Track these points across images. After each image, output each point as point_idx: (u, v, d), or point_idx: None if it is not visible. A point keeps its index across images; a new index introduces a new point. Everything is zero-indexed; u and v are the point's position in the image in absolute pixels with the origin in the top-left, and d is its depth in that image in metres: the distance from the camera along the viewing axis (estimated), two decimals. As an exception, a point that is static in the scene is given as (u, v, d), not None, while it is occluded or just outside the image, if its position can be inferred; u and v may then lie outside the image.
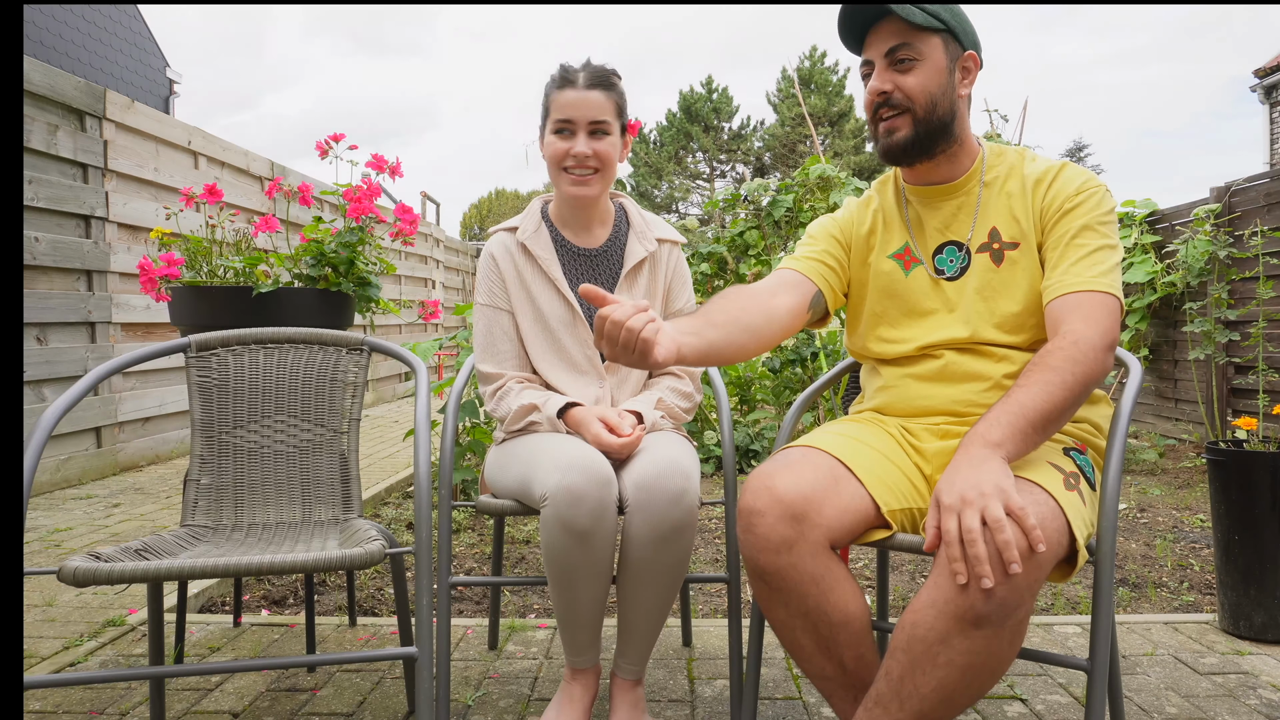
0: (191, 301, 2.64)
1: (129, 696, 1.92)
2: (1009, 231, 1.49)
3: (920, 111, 1.46)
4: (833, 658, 1.35)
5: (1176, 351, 5.61)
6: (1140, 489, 4.21)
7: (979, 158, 1.54)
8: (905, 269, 1.57)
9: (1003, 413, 1.25)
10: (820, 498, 1.31)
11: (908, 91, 1.45)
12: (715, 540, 3.30)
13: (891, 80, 1.46)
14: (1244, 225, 4.89)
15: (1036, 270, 1.46)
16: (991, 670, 1.21)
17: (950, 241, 1.54)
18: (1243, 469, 2.21)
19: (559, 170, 1.75)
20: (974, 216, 1.52)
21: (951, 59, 1.47)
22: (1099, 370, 1.31)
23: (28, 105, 4.11)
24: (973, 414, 1.47)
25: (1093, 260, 1.40)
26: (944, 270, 1.54)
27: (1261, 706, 1.86)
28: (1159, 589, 2.73)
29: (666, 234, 1.90)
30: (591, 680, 1.71)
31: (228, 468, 1.86)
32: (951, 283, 1.52)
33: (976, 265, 1.50)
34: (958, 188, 1.54)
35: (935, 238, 1.55)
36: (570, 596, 1.59)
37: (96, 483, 4.43)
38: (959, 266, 1.52)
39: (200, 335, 1.87)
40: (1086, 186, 1.45)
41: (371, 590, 2.70)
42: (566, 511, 1.49)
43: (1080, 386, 1.29)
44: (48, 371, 4.15)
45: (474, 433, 3.63)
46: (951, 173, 1.54)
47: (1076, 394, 1.29)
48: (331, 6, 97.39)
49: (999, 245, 1.49)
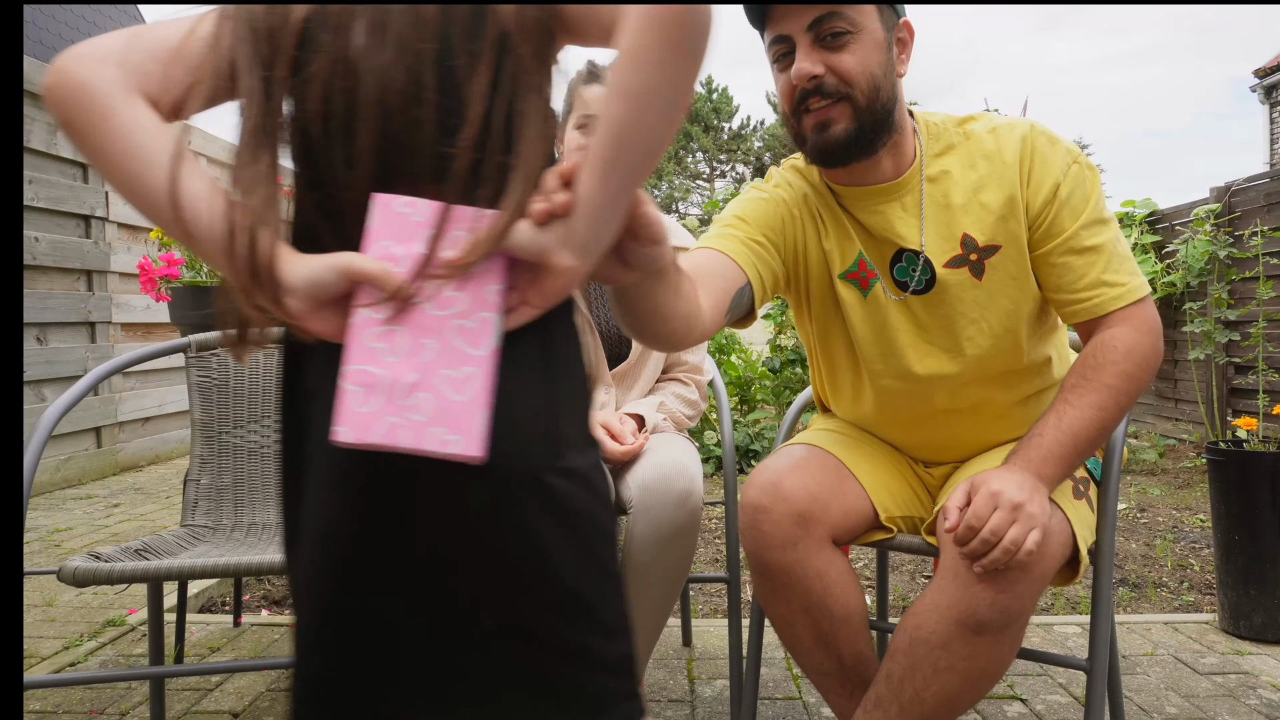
0: (192, 301, 2.64)
1: (129, 696, 1.92)
2: (986, 235, 1.26)
3: (862, 99, 1.18)
4: (832, 653, 1.35)
5: (1176, 351, 5.61)
6: (1140, 489, 4.21)
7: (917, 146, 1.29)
8: (863, 288, 1.33)
9: (1055, 443, 1.17)
10: (826, 497, 1.30)
11: (845, 74, 1.17)
12: (715, 540, 3.30)
13: (822, 61, 1.17)
14: (1244, 225, 4.88)
15: (1027, 269, 1.27)
16: (991, 674, 1.21)
17: (904, 249, 1.29)
18: (1243, 469, 2.21)
19: None
20: (920, 218, 1.28)
21: (888, 29, 1.20)
22: (1147, 375, 1.22)
23: (27, 105, 4.11)
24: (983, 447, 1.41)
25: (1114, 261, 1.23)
26: (905, 283, 1.30)
27: (1261, 706, 1.86)
28: (1159, 589, 2.73)
29: (676, 239, 1.83)
30: None
31: (228, 468, 1.86)
32: (919, 297, 1.30)
33: (950, 282, 1.28)
34: (900, 186, 1.28)
35: (887, 247, 1.30)
36: None
37: (96, 483, 4.43)
38: (923, 280, 1.29)
39: (200, 335, 1.87)
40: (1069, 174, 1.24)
41: (371, 590, 2.70)
42: None
43: (1132, 400, 1.21)
44: (48, 371, 4.15)
45: (474, 433, 3.63)
46: (895, 169, 1.28)
47: (1127, 409, 1.22)
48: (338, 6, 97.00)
49: (976, 255, 1.27)
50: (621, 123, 0.66)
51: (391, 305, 0.67)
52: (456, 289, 0.68)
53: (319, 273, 0.68)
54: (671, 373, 1.89)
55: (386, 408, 0.67)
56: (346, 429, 0.66)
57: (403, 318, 0.68)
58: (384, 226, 0.68)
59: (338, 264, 0.67)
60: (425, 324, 0.68)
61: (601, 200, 0.69)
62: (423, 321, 0.68)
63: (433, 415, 0.67)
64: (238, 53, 0.70)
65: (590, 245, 0.70)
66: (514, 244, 0.68)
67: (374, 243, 0.68)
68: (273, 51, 0.70)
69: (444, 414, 0.67)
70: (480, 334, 0.68)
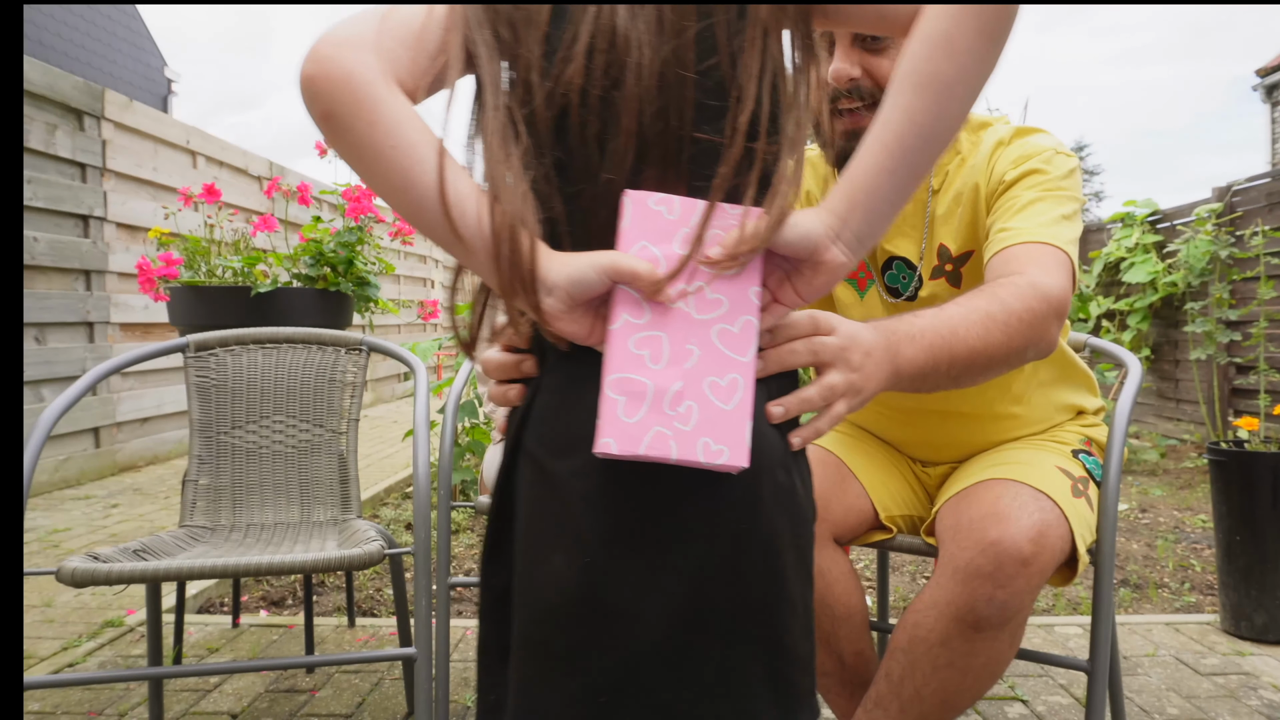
0: (190, 301, 2.64)
1: (128, 697, 1.91)
2: (959, 242, 1.25)
3: None
4: (833, 653, 1.35)
5: (1178, 351, 5.61)
6: (1141, 489, 4.20)
7: None
8: (860, 289, 1.36)
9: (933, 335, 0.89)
10: (828, 495, 1.30)
11: (881, 79, 1.15)
12: (715, 540, 3.29)
13: (860, 63, 1.16)
14: (1245, 225, 4.88)
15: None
16: (991, 672, 1.20)
17: (897, 256, 1.31)
18: (1244, 469, 2.20)
19: None
20: (924, 229, 1.28)
21: None
22: (1046, 338, 1.02)
23: (27, 105, 4.11)
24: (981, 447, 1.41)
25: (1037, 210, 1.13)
26: (897, 290, 1.32)
27: (1262, 707, 1.85)
28: (1160, 590, 2.73)
29: None
30: None
31: (226, 468, 1.86)
32: (910, 304, 1.33)
33: (935, 292, 1.28)
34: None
35: (881, 253, 1.33)
36: None
37: (95, 483, 4.42)
38: (912, 288, 1.31)
39: (199, 335, 1.87)
40: (1031, 152, 1.19)
41: (370, 591, 2.69)
42: None
43: (1022, 344, 0.98)
44: (46, 371, 4.14)
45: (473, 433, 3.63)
46: None
47: (1012, 352, 0.97)
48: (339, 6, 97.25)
49: (951, 265, 1.27)
50: (924, 112, 0.64)
51: (654, 308, 0.65)
52: (717, 291, 0.65)
53: (583, 271, 0.64)
54: None
55: (653, 417, 0.64)
56: (611, 440, 0.63)
57: (664, 323, 0.65)
58: (638, 225, 0.65)
59: (602, 263, 0.64)
60: (687, 329, 0.65)
61: (887, 192, 0.66)
62: (685, 326, 0.65)
63: (698, 424, 0.64)
64: (478, 36, 0.67)
65: (864, 240, 0.67)
66: (785, 240, 0.65)
67: (630, 242, 0.65)
68: (517, 34, 0.67)
69: (710, 423, 0.64)
70: (743, 338, 0.66)
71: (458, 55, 0.68)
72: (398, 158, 0.64)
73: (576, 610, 0.69)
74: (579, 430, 0.67)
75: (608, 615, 0.68)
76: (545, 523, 0.69)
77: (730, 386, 0.65)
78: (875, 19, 0.69)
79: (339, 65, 0.63)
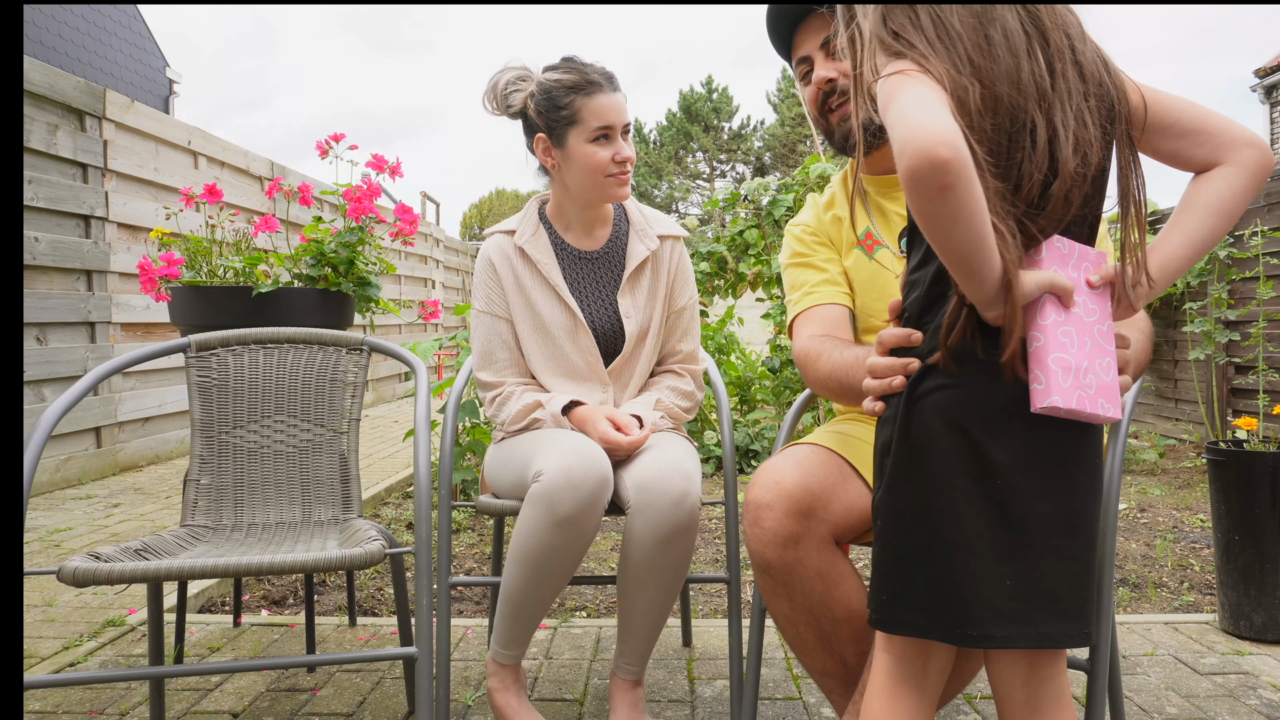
0: (191, 301, 2.64)
1: (129, 697, 1.92)
2: None
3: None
4: (834, 654, 1.35)
5: (1176, 351, 5.61)
6: (1140, 489, 4.21)
7: None
8: (869, 253, 1.52)
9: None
10: (827, 494, 1.31)
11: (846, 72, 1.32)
12: (715, 540, 3.30)
13: (834, 68, 1.46)
14: (1244, 225, 4.89)
15: None
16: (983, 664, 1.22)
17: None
18: (1243, 469, 2.21)
19: (603, 177, 1.72)
20: None
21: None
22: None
23: (27, 105, 4.11)
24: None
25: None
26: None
27: (1262, 707, 1.86)
28: (1159, 589, 2.73)
29: (668, 229, 1.86)
30: (520, 673, 1.73)
31: (227, 468, 1.86)
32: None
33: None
34: None
35: (899, 223, 1.51)
36: (526, 583, 1.58)
37: (96, 483, 4.43)
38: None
39: (200, 335, 1.87)
40: None
41: (371, 590, 2.70)
42: (557, 492, 1.48)
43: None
44: (47, 371, 4.15)
45: (474, 433, 3.63)
46: None
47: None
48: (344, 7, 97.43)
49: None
50: (1215, 231, 1.01)
51: (1067, 311, 0.96)
52: (1094, 302, 0.99)
53: (1036, 281, 0.94)
54: (666, 364, 1.89)
55: (1076, 384, 0.94)
56: (1058, 398, 0.92)
57: (1072, 321, 0.96)
58: (1051, 256, 0.97)
59: (1042, 280, 0.94)
60: (1084, 326, 0.97)
61: (1183, 269, 1.02)
62: (1081, 324, 0.97)
63: (1098, 390, 0.96)
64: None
65: (1151, 297, 1.03)
66: (1126, 282, 1.01)
67: (1046, 267, 0.96)
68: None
69: (1103, 389, 0.96)
70: (1109, 334, 1.00)
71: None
72: (983, 226, 0.88)
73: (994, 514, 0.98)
74: (999, 401, 0.97)
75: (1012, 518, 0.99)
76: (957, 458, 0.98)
77: (1109, 366, 0.98)
78: (1169, 158, 1.04)
79: (963, 154, 0.84)
